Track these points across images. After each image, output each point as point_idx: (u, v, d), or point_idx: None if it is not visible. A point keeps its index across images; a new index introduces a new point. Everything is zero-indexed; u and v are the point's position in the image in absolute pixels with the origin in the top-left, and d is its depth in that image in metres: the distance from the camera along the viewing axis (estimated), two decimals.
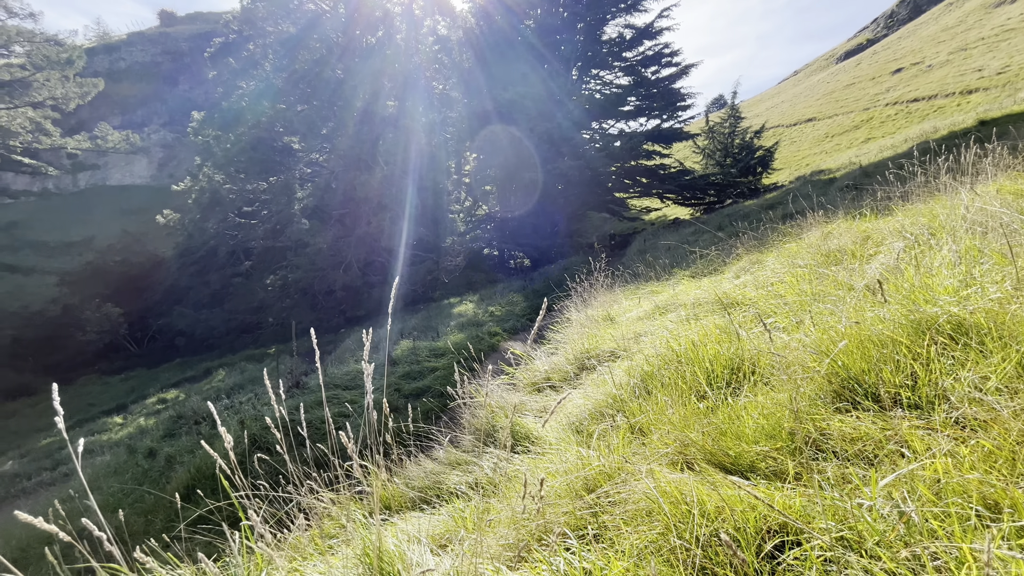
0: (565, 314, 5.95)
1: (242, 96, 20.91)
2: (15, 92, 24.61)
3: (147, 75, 42.90)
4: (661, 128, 22.64)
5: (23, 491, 8.65)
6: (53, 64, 25.51)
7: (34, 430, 17.62)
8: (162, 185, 37.47)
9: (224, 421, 6.80)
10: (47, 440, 15.15)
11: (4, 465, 12.19)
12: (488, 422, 3.27)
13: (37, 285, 27.80)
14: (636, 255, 14.22)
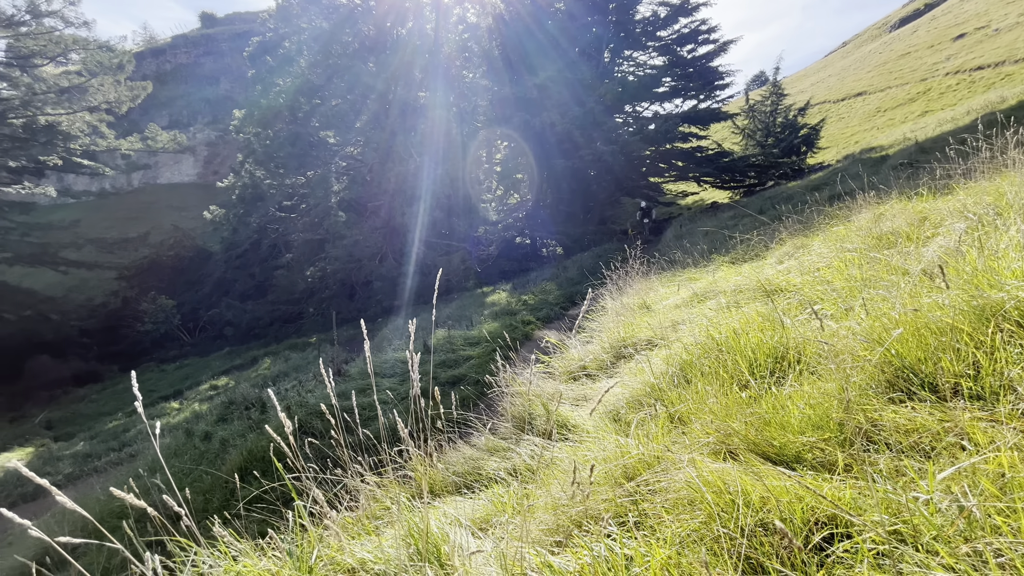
0: (600, 302, 5.90)
1: (279, 93, 21.50)
2: (73, 97, 26.15)
3: (191, 76, 44.75)
4: (698, 109, 21.88)
5: (95, 470, 9.38)
6: (106, 69, 26.93)
7: (101, 414, 18.98)
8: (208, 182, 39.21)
9: (273, 407, 7.14)
10: (113, 423, 16.29)
11: (76, 445, 13.21)
12: (525, 410, 3.30)
13: (99, 279, 29.78)
14: (672, 241, 13.90)
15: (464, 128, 22.43)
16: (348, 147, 23.46)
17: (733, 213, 14.99)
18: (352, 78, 21.64)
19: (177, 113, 42.42)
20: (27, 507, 8.81)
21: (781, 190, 16.44)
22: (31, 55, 25.76)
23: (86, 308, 28.10)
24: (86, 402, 21.48)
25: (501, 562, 1.63)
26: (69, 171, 29.07)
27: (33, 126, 25.20)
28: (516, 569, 1.56)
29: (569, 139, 20.84)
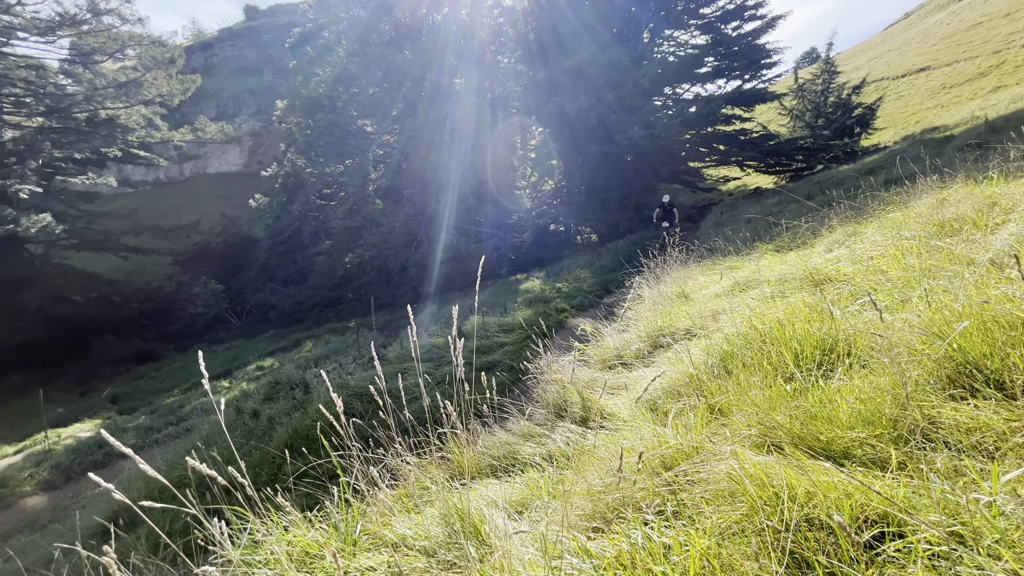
0: (636, 290, 5.81)
1: (319, 83, 21.97)
2: (130, 92, 27.59)
3: (236, 68, 46.33)
4: (742, 89, 20.94)
5: (155, 442, 10.08)
6: (159, 64, 28.23)
7: (159, 390, 20.30)
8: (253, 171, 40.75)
9: (315, 387, 7.45)
10: (170, 399, 17.39)
11: (138, 419, 14.21)
12: (560, 397, 3.32)
13: (155, 264, 31.62)
14: (712, 228, 13.48)
15: (498, 114, 22.32)
16: (384, 135, 23.80)
17: (778, 199, 14.37)
18: (388, 66, 21.85)
19: (224, 104, 44.11)
20: (97, 474, 9.59)
21: (831, 174, 15.60)
22: (92, 52, 27.28)
23: (144, 291, 29.95)
24: (146, 379, 23.01)
25: (539, 544, 1.66)
26: (127, 162, 30.83)
27: (95, 120, 26.79)
28: (553, 552, 1.59)
29: (605, 124, 20.39)
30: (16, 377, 23.69)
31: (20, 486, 9.02)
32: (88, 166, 28.36)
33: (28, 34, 25.68)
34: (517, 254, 21.72)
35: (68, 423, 15.66)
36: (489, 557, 1.78)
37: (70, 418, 16.82)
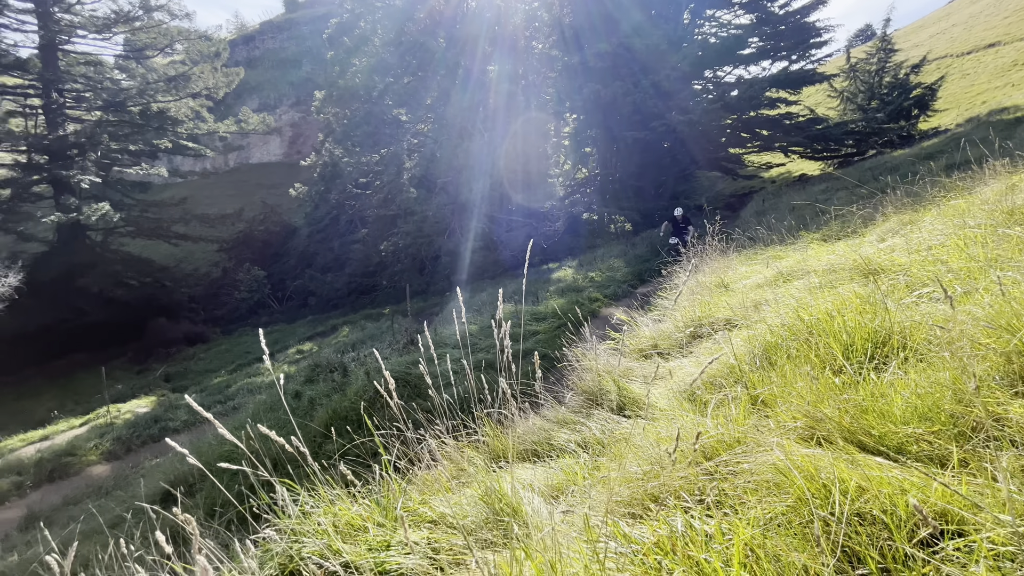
0: (673, 280, 5.70)
1: (356, 73, 22.29)
2: (179, 85, 28.77)
3: (277, 60, 47.53)
4: (788, 71, 19.97)
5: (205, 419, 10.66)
6: (205, 58, 29.28)
7: (207, 370, 21.40)
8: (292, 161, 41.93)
9: (352, 371, 7.69)
10: (218, 379, 18.31)
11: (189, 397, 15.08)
12: (595, 385, 3.31)
13: (203, 251, 33.14)
14: (753, 217, 13.01)
15: (532, 101, 22.10)
16: (419, 124, 23.99)
17: (825, 186, 13.71)
18: (423, 55, 21.94)
19: (265, 96, 45.42)
20: (153, 447, 10.25)
21: (884, 160, 14.74)
22: (144, 47, 28.55)
23: (193, 277, 31.48)
24: (195, 359, 24.27)
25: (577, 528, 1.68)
26: (177, 153, 32.27)
27: (147, 113, 28.11)
28: (592, 535, 1.60)
29: (641, 109, 19.89)
30: (81, 355, 25.49)
31: (87, 455, 9.75)
32: (142, 157, 29.85)
33: (87, 32, 27.11)
34: (549, 243, 21.60)
35: (127, 399, 16.74)
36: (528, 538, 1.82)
37: (128, 394, 17.98)
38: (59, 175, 25.18)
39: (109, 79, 28.21)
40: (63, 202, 24.88)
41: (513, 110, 21.62)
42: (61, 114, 26.93)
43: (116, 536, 4.79)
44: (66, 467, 9.31)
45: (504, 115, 21.62)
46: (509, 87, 21.24)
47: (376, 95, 21.34)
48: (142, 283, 27.99)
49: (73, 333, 25.38)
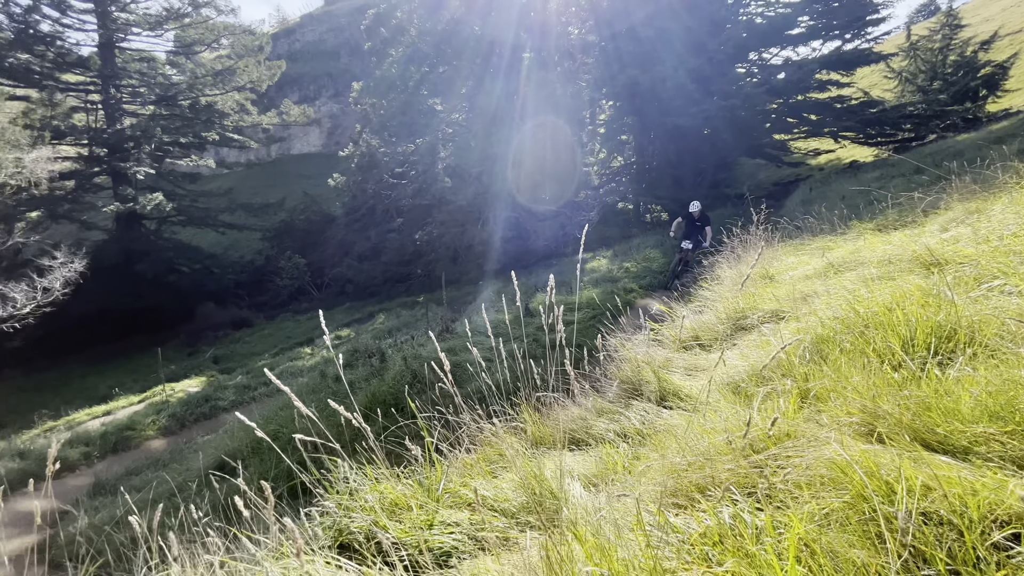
0: (715, 270, 5.54)
1: (392, 63, 22.52)
2: (225, 79, 29.85)
3: (316, 53, 48.58)
4: (841, 51, 18.85)
5: (252, 398, 11.19)
6: (249, 52, 30.23)
7: (252, 353, 22.39)
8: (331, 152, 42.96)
9: (390, 357, 7.88)
10: (262, 362, 19.14)
11: (236, 378, 15.80)
12: (634, 375, 3.27)
13: (248, 239, 34.53)
14: (798, 206, 12.46)
15: (568, 88, 21.76)
16: (454, 114, 24.07)
17: (879, 173, 12.96)
18: (458, 43, 21.92)
19: (305, 88, 46.58)
20: (204, 424, 10.86)
21: (947, 144, 13.79)
22: (193, 43, 29.72)
23: (239, 264, 32.87)
24: (240, 343, 25.41)
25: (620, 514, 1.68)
26: (223, 145, 33.62)
27: (196, 106, 29.35)
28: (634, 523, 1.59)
29: (681, 95, 19.27)
30: (139, 337, 27.16)
31: (145, 430, 10.42)
32: (191, 149, 31.25)
33: (141, 29, 28.43)
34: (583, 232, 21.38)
35: (179, 378, 17.74)
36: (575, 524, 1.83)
37: (180, 374, 19.04)
38: (117, 167, 26.69)
39: (161, 74, 29.58)
40: (121, 192, 26.38)
41: (547, 98, 21.35)
42: (118, 109, 28.46)
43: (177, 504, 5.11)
44: (127, 440, 9.99)
45: (538, 103, 21.38)
46: (543, 74, 20.98)
47: (412, 85, 21.52)
48: (192, 269, 29.47)
49: (131, 316, 27.05)
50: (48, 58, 26.30)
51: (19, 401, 21.61)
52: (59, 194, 24.42)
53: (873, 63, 19.29)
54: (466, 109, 23.66)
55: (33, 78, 26.01)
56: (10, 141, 15.57)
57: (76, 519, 6.26)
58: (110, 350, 26.93)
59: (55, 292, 16.31)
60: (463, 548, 1.92)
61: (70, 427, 12.53)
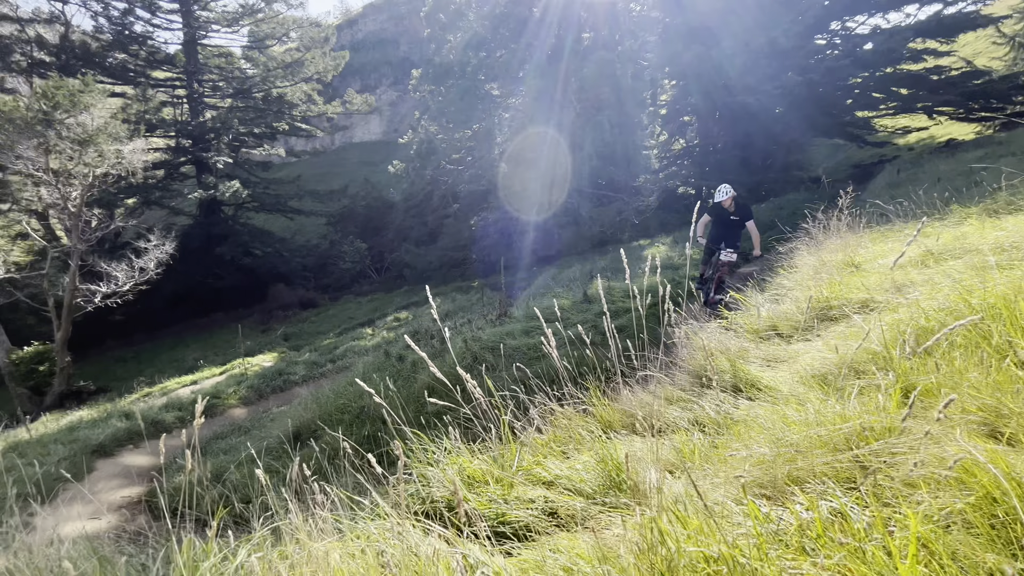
0: (792, 258, 5.23)
1: (451, 49, 22.68)
2: (294, 71, 31.33)
3: (377, 42, 49.87)
4: (942, 16, 16.89)
5: (321, 374, 11.91)
6: (316, 43, 31.50)
7: (318, 332, 23.75)
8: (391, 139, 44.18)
9: (451, 339, 8.09)
10: (327, 341, 20.25)
11: (305, 355, 16.83)
12: (707, 364, 3.17)
13: (314, 224, 36.42)
14: (884, 189, 11.45)
15: (628, 68, 21.03)
16: (511, 98, 23.96)
17: (984, 152, 11.62)
18: (516, 26, 21.70)
19: (366, 77, 48.02)
20: (279, 396, 11.68)
21: None
22: (265, 37, 31.33)
23: (305, 248, 34.78)
24: (307, 322, 27.01)
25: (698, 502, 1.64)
26: (292, 134, 35.45)
27: (268, 98, 31.05)
28: (722, 510, 1.56)
29: (752, 71, 18.08)
30: (219, 314, 29.53)
31: (228, 399, 11.37)
32: (264, 139, 33.19)
33: (219, 26, 30.32)
34: (641, 218, 20.77)
35: (255, 354, 19.14)
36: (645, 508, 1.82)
37: (256, 349, 20.54)
38: (200, 157, 28.85)
39: (237, 69, 31.48)
40: (204, 180, 28.54)
41: (607, 79, 20.74)
42: (200, 102, 30.65)
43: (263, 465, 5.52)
44: (213, 407, 10.94)
45: (597, 85, 20.82)
46: (604, 55, 20.36)
47: (470, 70, 21.59)
48: (264, 253, 31.52)
49: (212, 295, 29.43)
50: (141, 57, 28.71)
51: (120, 369, 24.24)
52: (152, 182, 26.76)
53: (980, 27, 17.13)
54: (523, 93, 23.48)
55: (128, 76, 28.51)
56: (112, 135, 17.20)
57: (175, 474, 6.97)
58: (194, 325, 29.51)
59: (149, 272, 17.99)
60: (540, 525, 1.96)
61: (164, 393, 13.90)
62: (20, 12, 26.48)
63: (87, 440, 8.68)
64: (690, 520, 1.35)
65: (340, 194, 34.48)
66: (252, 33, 32.23)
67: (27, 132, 15.75)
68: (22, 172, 16.54)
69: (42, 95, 16.53)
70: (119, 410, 11.22)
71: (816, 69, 17.14)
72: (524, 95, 23.52)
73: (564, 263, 19.96)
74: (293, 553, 1.50)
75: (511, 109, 24.48)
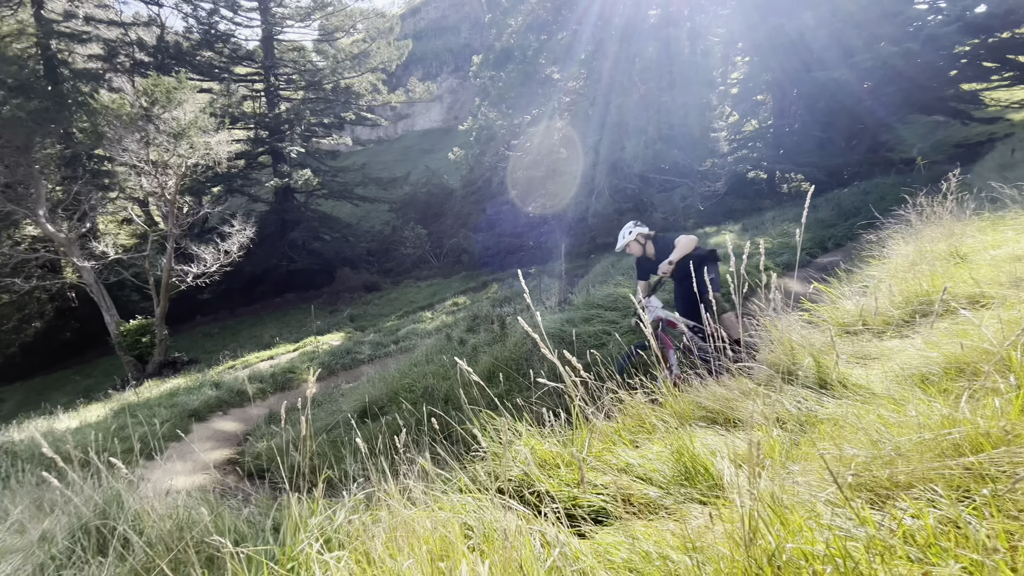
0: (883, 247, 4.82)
1: (511, 34, 22.51)
2: (360, 62, 32.43)
3: (438, 29, 50.45)
4: None
5: (385, 354, 12.48)
6: (381, 34, 32.38)
7: (381, 314, 24.83)
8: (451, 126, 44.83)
9: (509, 324, 8.20)
10: (389, 323, 21.14)
11: (369, 336, 17.68)
12: (787, 358, 3.01)
13: (378, 211, 37.86)
14: (993, 171, 10.20)
15: (698, 46, 19.95)
16: (571, 82, 23.50)
17: None
18: (579, 6, 21.14)
19: (428, 65, 48.80)
20: (347, 373, 12.38)
21: None
22: (334, 30, 32.59)
23: (370, 234, 36.29)
24: (371, 305, 28.29)
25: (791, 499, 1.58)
26: (358, 124, 36.83)
27: (337, 89, 32.39)
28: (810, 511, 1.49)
29: (838, 43, 16.57)
30: (291, 295, 31.60)
31: (302, 374, 12.20)
32: (332, 129, 34.75)
33: (293, 21, 31.87)
34: (706, 204, 19.82)
35: (323, 333, 20.34)
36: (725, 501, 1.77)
37: (325, 329, 21.83)
38: (276, 147, 30.72)
39: (309, 61, 33.02)
40: (279, 169, 30.41)
41: (674, 58, 19.78)
42: (276, 95, 32.51)
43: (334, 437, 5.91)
44: (289, 381, 11.80)
45: (664, 64, 19.91)
46: (672, 32, 19.40)
47: (531, 54, 21.35)
48: (332, 238, 33.22)
49: (286, 277, 31.51)
50: (224, 54, 30.82)
51: (208, 342, 26.64)
52: (234, 171, 28.87)
53: None
54: (584, 76, 22.94)
55: (214, 72, 30.73)
56: (202, 127, 18.71)
57: (258, 440, 7.61)
58: (270, 305, 31.79)
59: (232, 254, 19.52)
60: (613, 511, 1.97)
61: (246, 366, 15.15)
62: (123, 17, 29.22)
63: (184, 405, 9.66)
64: (789, 516, 1.30)
65: (402, 181, 35.54)
66: (322, 26, 33.62)
67: (131, 127, 17.46)
68: (127, 163, 18.39)
69: (143, 92, 18.23)
70: (209, 380, 12.38)
71: (915, 38, 15.41)
72: (585, 78, 22.97)
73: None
74: (383, 518, 1.61)
75: (571, 93, 24.01)
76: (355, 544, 1.50)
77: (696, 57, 19.60)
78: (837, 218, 12.51)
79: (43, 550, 2.28)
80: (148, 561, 2.05)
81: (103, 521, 2.26)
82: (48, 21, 25.08)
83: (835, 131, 19.27)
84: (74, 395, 18.07)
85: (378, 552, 1.40)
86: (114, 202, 26.55)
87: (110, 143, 17.71)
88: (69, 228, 18.38)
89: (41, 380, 25.05)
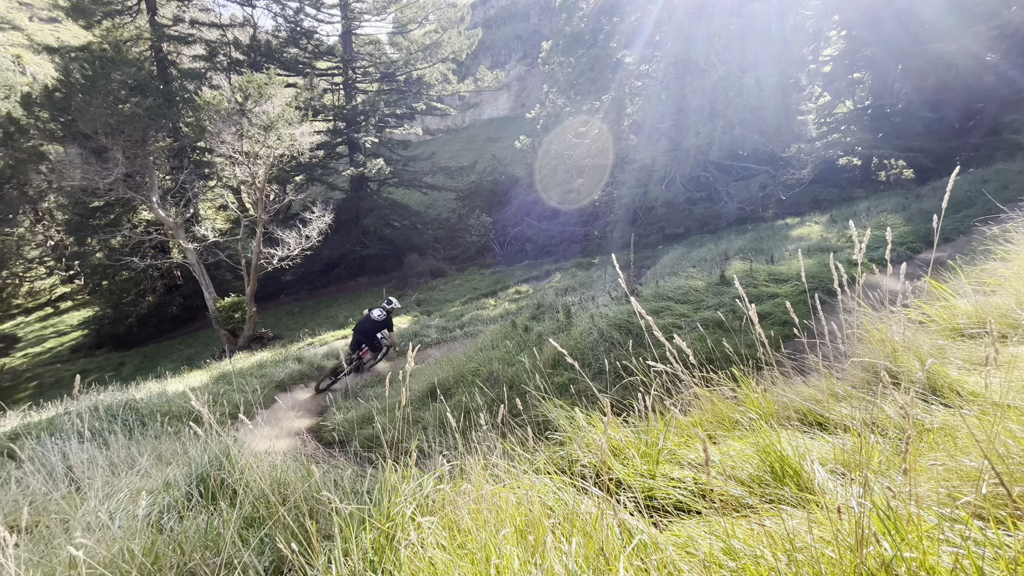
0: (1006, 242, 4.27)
1: (582, 17, 22.00)
2: (432, 52, 33.14)
3: (507, 16, 50.36)
4: None
5: (451, 338, 12.87)
6: (452, 24, 32.85)
7: (445, 300, 25.57)
8: (517, 114, 44.83)
9: (574, 313, 8.16)
10: (454, 308, 21.73)
11: (435, 320, 18.29)
12: (888, 360, 2.77)
13: (445, 199, 38.84)
14: None
15: (786, 21, 18.44)
16: (643, 65, 22.63)
17: None
18: None
19: (496, 53, 48.95)
20: (415, 355, 12.91)
21: None
22: (408, 22, 33.49)
23: (436, 221, 37.34)
24: (437, 290, 29.21)
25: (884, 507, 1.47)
26: (428, 113, 37.75)
27: (409, 80, 33.37)
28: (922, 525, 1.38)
29: (953, 12, 14.67)
30: (363, 278, 33.35)
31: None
32: (404, 119, 35.92)
33: (370, 16, 33.10)
34: (789, 193, 18.44)
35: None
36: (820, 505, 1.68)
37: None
38: (352, 137, 32.27)
39: (383, 54, 34.24)
40: (355, 159, 31.96)
41: (760, 35, 18.41)
42: (353, 87, 34.06)
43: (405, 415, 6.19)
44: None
45: (746, 43, 18.60)
46: (758, 6, 18.05)
47: (602, 38, 20.77)
48: (402, 225, 34.55)
49: (359, 261, 33.27)
50: (308, 50, 32.68)
51: (290, 320, 28.81)
52: (315, 161, 30.73)
53: None
54: (658, 59, 22.00)
55: (298, 67, 32.69)
56: (288, 120, 20.06)
57: (336, 413, 8.17)
58: (344, 287, 33.75)
59: (313, 239, 20.87)
60: (691, 505, 1.93)
61: (323, 344, 16.24)
62: (221, 19, 31.78)
63: (271, 377, 10.55)
64: (904, 525, 1.21)
65: (469, 170, 36.14)
66: (396, 19, 34.66)
67: (228, 121, 19.08)
68: (224, 154, 20.14)
69: (238, 89, 19.82)
70: (292, 355, 13.41)
71: None
72: (660, 60, 22.03)
73: (694, 241, 18.68)
74: (468, 490, 1.69)
75: (643, 76, 23.14)
76: (444, 512, 1.59)
77: (784, 33, 18.13)
78: (946, 209, 11.21)
79: (169, 493, 2.61)
80: (253, 511, 2.29)
81: (216, 472, 2.55)
82: (160, 26, 27.82)
83: (947, 111, 17.15)
84: (179, 362, 20.30)
85: (465, 522, 1.47)
86: (212, 190, 29.25)
87: (210, 136, 19.48)
88: (176, 213, 20.51)
89: (153, 347, 28.39)
